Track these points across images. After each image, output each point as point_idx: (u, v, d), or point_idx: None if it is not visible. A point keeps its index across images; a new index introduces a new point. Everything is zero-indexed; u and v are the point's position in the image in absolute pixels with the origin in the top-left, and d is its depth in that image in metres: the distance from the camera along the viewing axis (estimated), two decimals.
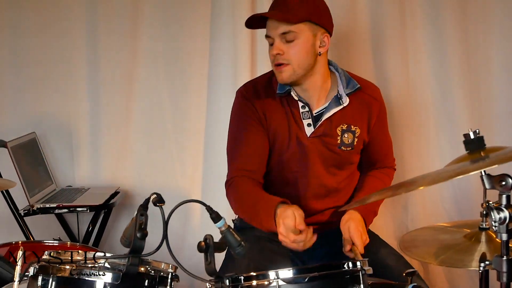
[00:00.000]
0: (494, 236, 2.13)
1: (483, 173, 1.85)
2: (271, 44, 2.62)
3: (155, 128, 3.76)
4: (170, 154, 3.77)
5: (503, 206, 1.78)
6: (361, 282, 1.90)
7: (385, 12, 3.61)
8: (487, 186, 1.84)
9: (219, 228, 1.91)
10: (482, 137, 1.95)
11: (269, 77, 2.77)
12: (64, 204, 3.32)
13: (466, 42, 3.64)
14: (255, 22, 2.67)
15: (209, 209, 1.91)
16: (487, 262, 2.05)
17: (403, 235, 2.45)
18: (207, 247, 1.86)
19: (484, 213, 2.22)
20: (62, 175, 3.71)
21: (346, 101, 2.67)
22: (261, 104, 2.71)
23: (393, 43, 3.63)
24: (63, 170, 3.72)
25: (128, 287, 1.92)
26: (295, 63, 2.58)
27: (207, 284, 1.94)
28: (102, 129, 3.70)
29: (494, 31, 3.64)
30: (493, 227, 1.82)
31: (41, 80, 3.69)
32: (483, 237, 2.19)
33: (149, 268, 1.95)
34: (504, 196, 1.79)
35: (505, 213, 1.77)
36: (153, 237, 1.90)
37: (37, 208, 3.28)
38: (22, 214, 3.28)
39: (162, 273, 1.98)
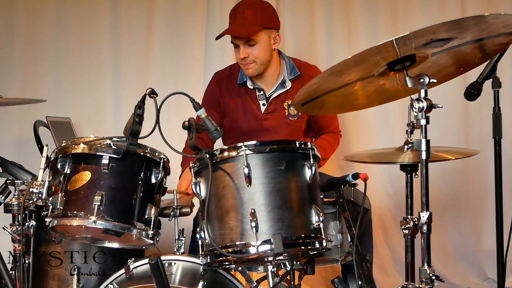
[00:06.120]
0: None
1: (405, 74, 1.85)
2: (236, 47, 2.69)
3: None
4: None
5: (422, 97, 1.79)
6: (311, 158, 1.84)
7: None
8: (409, 85, 1.83)
9: (199, 115, 1.87)
10: None
11: (234, 69, 2.85)
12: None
13: None
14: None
15: (192, 100, 1.88)
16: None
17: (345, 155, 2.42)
18: (189, 125, 1.83)
19: (409, 130, 2.20)
20: None
21: (289, 85, 2.78)
22: (222, 90, 2.82)
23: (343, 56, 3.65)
24: None
25: (129, 165, 1.89)
26: (258, 61, 2.69)
27: (191, 163, 1.90)
28: (122, 120, 3.61)
29: None
30: (414, 114, 1.80)
31: (76, 82, 3.61)
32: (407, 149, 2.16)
33: (146, 151, 1.92)
34: (422, 90, 1.80)
35: (424, 103, 1.78)
36: None
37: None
38: None
39: (155, 158, 1.94)
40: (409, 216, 2.13)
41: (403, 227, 2.13)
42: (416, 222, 2.08)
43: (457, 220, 3.76)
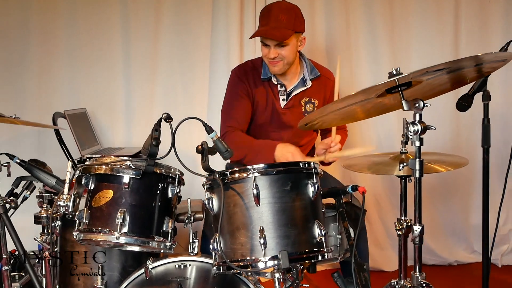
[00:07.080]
0: (410, 157, 2.16)
1: (402, 98, 1.90)
2: (265, 45, 2.68)
3: (171, 103, 3.68)
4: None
5: (416, 121, 1.85)
6: (314, 176, 1.91)
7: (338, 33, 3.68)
8: (405, 108, 1.87)
9: (211, 138, 1.92)
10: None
11: (257, 64, 2.85)
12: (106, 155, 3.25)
13: (393, 45, 3.71)
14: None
15: (205, 124, 1.93)
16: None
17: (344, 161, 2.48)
18: (203, 149, 1.89)
19: (404, 141, 2.27)
20: (105, 139, 3.70)
21: (309, 84, 2.82)
22: (249, 82, 2.80)
23: (342, 49, 3.69)
24: (105, 135, 3.70)
25: (148, 183, 1.96)
26: (285, 60, 2.70)
27: (203, 179, 1.96)
28: (133, 106, 3.68)
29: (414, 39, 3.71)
30: (410, 137, 1.87)
31: (89, 74, 3.63)
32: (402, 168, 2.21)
33: (162, 170, 1.98)
34: (417, 114, 1.85)
35: (418, 126, 1.84)
36: None
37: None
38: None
39: (171, 175, 2.00)
40: (402, 218, 2.24)
41: (397, 228, 2.23)
42: (409, 224, 2.19)
43: (447, 199, 3.86)
